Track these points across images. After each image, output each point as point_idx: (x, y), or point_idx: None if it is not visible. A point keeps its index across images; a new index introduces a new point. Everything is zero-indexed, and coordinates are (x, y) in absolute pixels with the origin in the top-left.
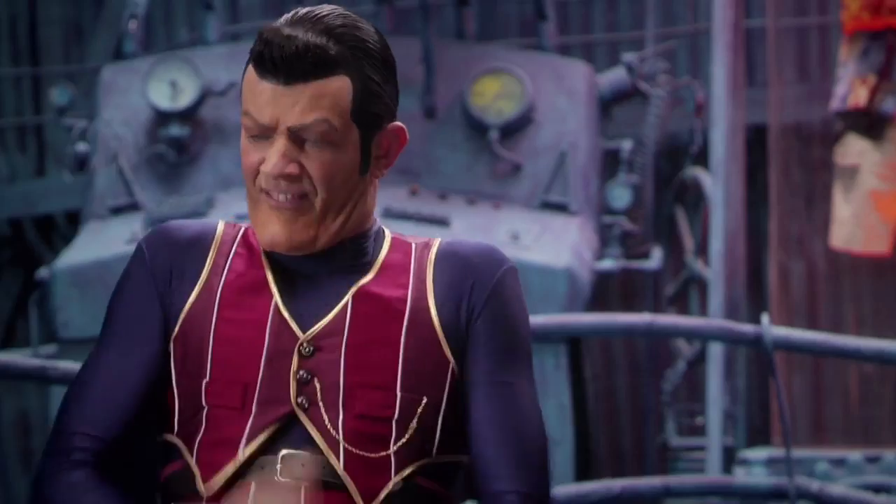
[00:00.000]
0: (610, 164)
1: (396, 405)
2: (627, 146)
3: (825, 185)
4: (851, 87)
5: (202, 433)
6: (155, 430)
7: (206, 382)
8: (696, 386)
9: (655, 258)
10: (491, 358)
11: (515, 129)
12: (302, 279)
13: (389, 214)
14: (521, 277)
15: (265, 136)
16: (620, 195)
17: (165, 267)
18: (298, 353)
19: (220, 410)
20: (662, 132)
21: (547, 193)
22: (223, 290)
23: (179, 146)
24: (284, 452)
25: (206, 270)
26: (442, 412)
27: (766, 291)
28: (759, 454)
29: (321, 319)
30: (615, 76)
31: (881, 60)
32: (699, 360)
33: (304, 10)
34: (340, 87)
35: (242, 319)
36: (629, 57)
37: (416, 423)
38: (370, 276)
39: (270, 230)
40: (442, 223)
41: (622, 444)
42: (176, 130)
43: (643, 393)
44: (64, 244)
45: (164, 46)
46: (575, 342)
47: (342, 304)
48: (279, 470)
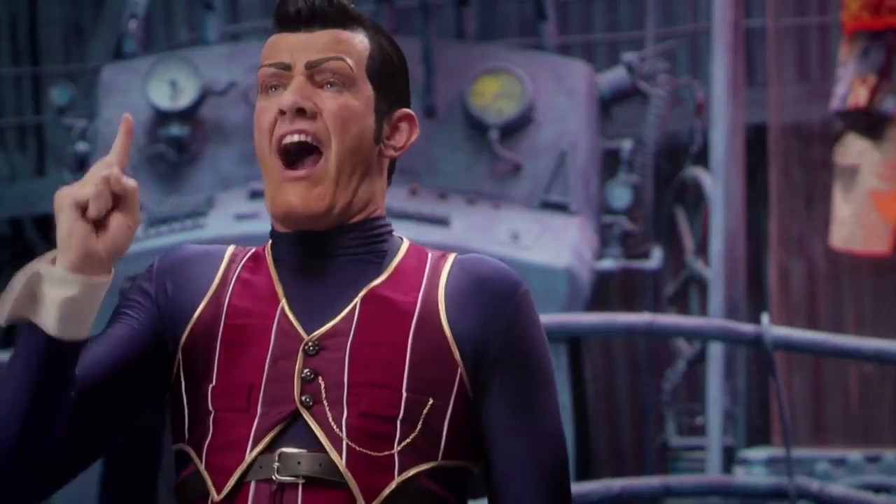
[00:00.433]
0: (610, 163)
1: (402, 405)
2: (627, 146)
3: (825, 185)
4: (851, 86)
5: (210, 438)
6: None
7: (212, 387)
8: (696, 386)
9: (655, 258)
10: (515, 400)
11: (515, 128)
12: (310, 282)
13: (389, 214)
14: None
15: (282, 83)
16: (620, 195)
17: (171, 282)
18: (303, 352)
19: (226, 414)
20: (662, 132)
21: (547, 193)
22: (231, 298)
23: (179, 146)
24: (282, 450)
25: (215, 282)
26: (448, 416)
27: (766, 291)
28: (759, 454)
29: (328, 320)
30: (615, 76)
31: (881, 60)
32: (699, 359)
33: None
34: (360, 40)
35: (248, 325)
36: (629, 57)
37: (421, 424)
38: (382, 277)
39: (285, 200)
40: (442, 223)
41: (622, 443)
42: (176, 130)
43: (643, 393)
44: None
45: (164, 46)
46: (575, 342)
47: (350, 306)
48: (277, 468)
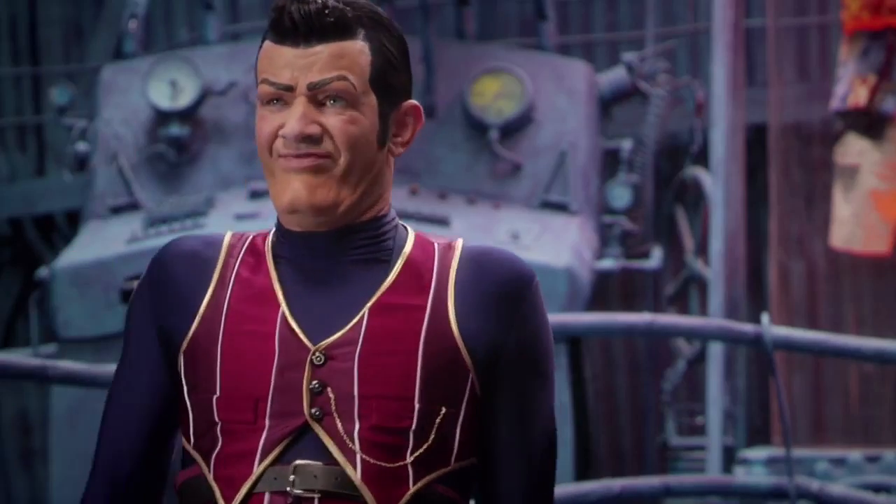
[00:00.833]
0: (610, 163)
1: (414, 416)
2: (627, 146)
3: (825, 184)
4: (851, 86)
5: (218, 448)
6: (169, 455)
7: (216, 398)
8: (696, 386)
9: (655, 258)
10: (517, 378)
11: (515, 128)
12: (313, 286)
13: None
14: None
15: (283, 101)
16: (620, 195)
17: (170, 285)
18: (310, 363)
19: (233, 425)
20: (662, 132)
21: (547, 193)
22: (230, 302)
23: (179, 146)
24: (297, 463)
25: (213, 283)
26: (460, 422)
27: (766, 291)
28: (759, 454)
29: (336, 330)
30: (615, 76)
31: (881, 60)
32: (699, 359)
33: None
34: (360, 50)
35: (250, 332)
36: (629, 56)
37: (434, 433)
38: (390, 278)
39: (291, 190)
40: (442, 223)
41: (622, 443)
42: (176, 130)
43: (643, 393)
44: (64, 244)
45: (164, 46)
46: (575, 342)
47: (359, 316)
48: (293, 481)
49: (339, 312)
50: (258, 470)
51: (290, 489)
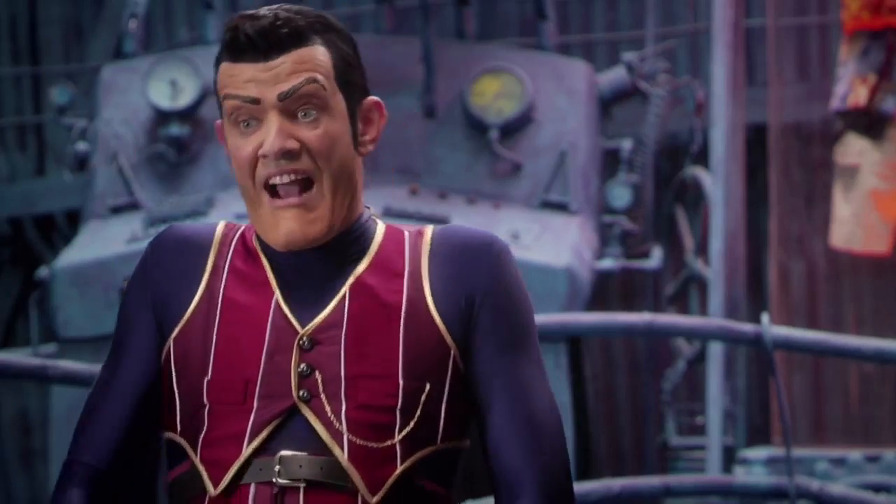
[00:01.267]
0: (610, 163)
1: (399, 394)
2: (627, 146)
3: (825, 184)
4: (851, 86)
5: (205, 431)
6: (154, 444)
7: (206, 380)
8: (696, 385)
9: (655, 258)
10: (499, 347)
11: (515, 128)
12: (299, 273)
13: (389, 214)
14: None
15: (254, 118)
16: (620, 195)
17: (164, 272)
18: (298, 347)
19: (221, 407)
20: (662, 131)
21: (547, 193)
22: (225, 290)
23: (179, 146)
24: (282, 454)
25: (207, 272)
26: (445, 399)
27: (766, 291)
28: (759, 454)
29: (319, 312)
30: (615, 75)
31: (881, 60)
32: (699, 359)
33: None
34: (320, 53)
35: (244, 319)
36: (629, 56)
37: (420, 411)
38: (364, 264)
39: (285, 228)
40: (442, 222)
41: (622, 443)
42: (176, 130)
43: (643, 392)
44: (64, 243)
45: (164, 46)
46: (575, 342)
47: (339, 297)
48: (278, 472)
49: (321, 294)
50: (247, 451)
51: (275, 479)
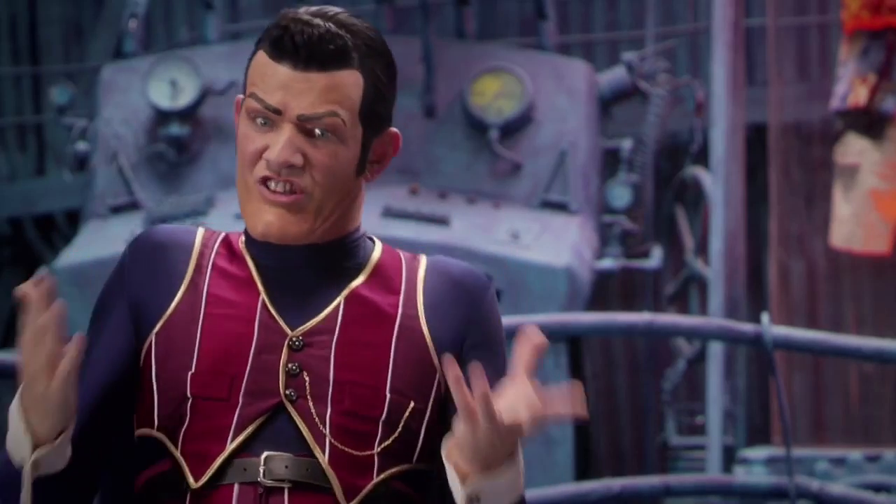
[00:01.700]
0: (610, 163)
1: (385, 405)
2: (627, 145)
3: (825, 184)
4: (851, 86)
5: (187, 425)
6: (105, 448)
7: (191, 374)
8: (696, 385)
9: (655, 257)
10: (485, 364)
11: (515, 128)
12: (287, 278)
13: (389, 213)
14: (521, 277)
15: (270, 121)
16: (620, 194)
17: (144, 272)
18: (289, 346)
19: (205, 402)
20: (662, 131)
21: (547, 192)
22: (210, 288)
23: (179, 145)
24: (267, 454)
25: (190, 270)
26: (426, 419)
27: (766, 291)
28: (759, 453)
29: (312, 317)
30: (615, 75)
31: (881, 59)
32: (699, 359)
33: (317, 7)
34: (354, 82)
35: (230, 315)
36: (629, 56)
37: (402, 426)
38: (362, 278)
39: (264, 220)
40: (442, 222)
41: (622, 443)
42: (176, 130)
43: (643, 392)
44: (64, 243)
45: (164, 46)
46: (575, 341)
47: (335, 304)
48: (262, 472)
49: (314, 300)
50: (231, 447)
51: (260, 479)
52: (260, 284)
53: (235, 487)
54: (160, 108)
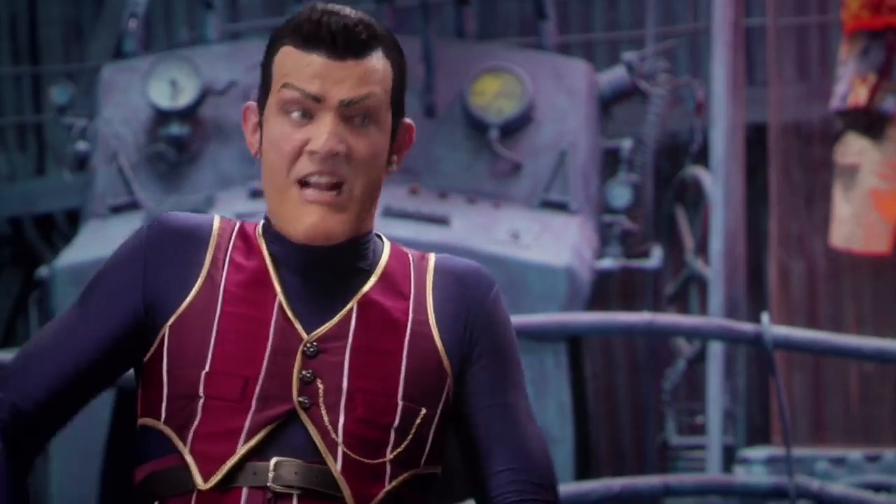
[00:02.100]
0: (610, 163)
1: (397, 413)
2: (627, 145)
3: (825, 184)
4: (851, 85)
5: (197, 424)
6: (72, 416)
7: (205, 373)
8: (696, 385)
9: (655, 257)
10: (494, 382)
11: (515, 128)
12: (303, 278)
13: (389, 213)
14: (521, 276)
15: (309, 113)
16: (620, 194)
17: (163, 257)
18: (302, 352)
19: (217, 402)
20: (662, 131)
21: (547, 192)
22: (226, 284)
23: (179, 145)
24: (277, 459)
25: (206, 263)
26: (435, 424)
27: (766, 291)
28: (759, 453)
29: (325, 322)
30: (615, 75)
31: (881, 59)
32: (699, 359)
33: (329, 4)
34: (385, 67)
35: (246, 315)
36: (629, 56)
37: (413, 432)
38: (372, 281)
39: (307, 222)
40: (442, 222)
41: (622, 443)
42: (176, 129)
43: (643, 392)
44: (64, 243)
45: (164, 45)
46: (575, 341)
47: (347, 309)
48: (271, 477)
49: (328, 305)
50: (242, 450)
51: (270, 484)
52: (276, 283)
53: (244, 491)
54: (160, 107)
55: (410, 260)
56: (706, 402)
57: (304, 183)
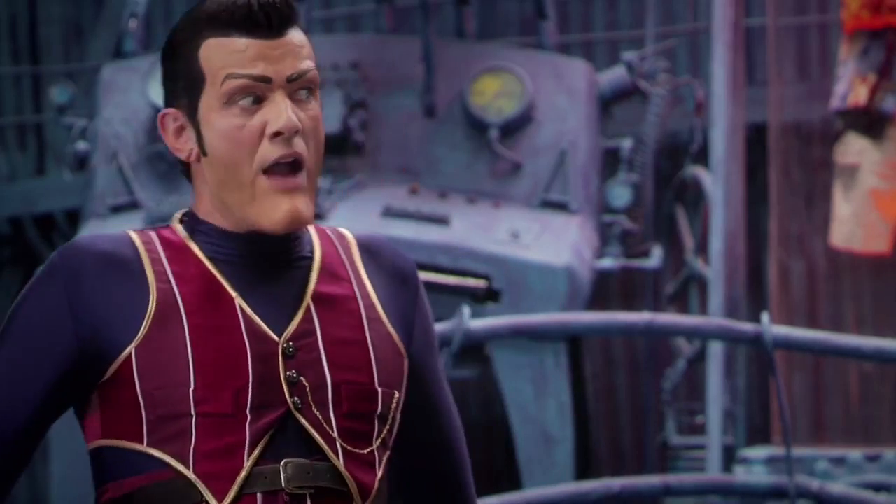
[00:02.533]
0: (610, 162)
1: (378, 400)
2: (627, 145)
3: (825, 184)
4: (851, 85)
5: (195, 442)
6: (31, 454)
7: (191, 390)
8: (696, 385)
9: (655, 257)
10: (432, 356)
11: (515, 127)
12: (251, 275)
13: (389, 213)
14: (521, 276)
15: (258, 96)
16: (620, 194)
17: (93, 285)
18: (282, 354)
19: (211, 419)
20: (662, 131)
21: (547, 192)
22: (182, 296)
23: None
24: (286, 461)
25: (150, 278)
26: (402, 405)
27: (765, 290)
28: (759, 453)
29: (286, 318)
30: (615, 75)
31: (881, 59)
32: (699, 358)
33: None
34: (306, 38)
35: (214, 325)
36: (629, 56)
37: (390, 418)
38: (316, 269)
39: (285, 209)
40: (442, 222)
41: (622, 443)
42: None
43: (643, 392)
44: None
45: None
46: (575, 341)
47: (305, 304)
48: (284, 479)
49: (283, 299)
50: (249, 463)
51: (285, 486)
52: (228, 286)
53: (258, 497)
54: (160, 107)
55: (333, 240)
56: (706, 402)
57: (266, 170)
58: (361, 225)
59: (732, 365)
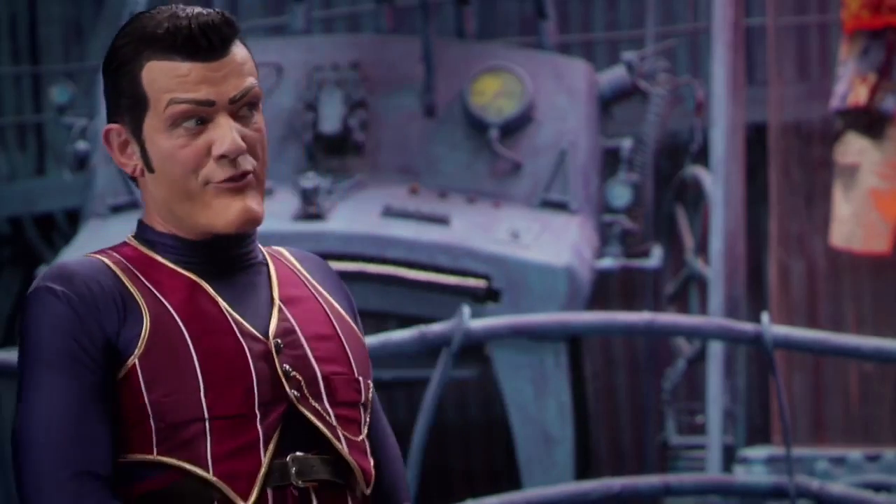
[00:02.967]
0: (610, 162)
1: (362, 389)
2: (627, 145)
3: (825, 183)
4: (851, 85)
5: (211, 445)
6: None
7: (203, 395)
8: (696, 385)
9: (655, 257)
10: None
11: (515, 127)
12: (221, 278)
13: (389, 213)
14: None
15: (201, 118)
16: (620, 194)
17: (91, 303)
18: (275, 350)
19: (225, 421)
20: (662, 131)
21: (547, 192)
22: (173, 305)
23: None
24: (295, 455)
25: (136, 292)
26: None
27: (765, 290)
28: (759, 453)
29: (265, 316)
30: (615, 75)
31: (881, 59)
32: (699, 358)
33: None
34: (246, 52)
35: (210, 329)
36: (629, 55)
37: (370, 406)
38: (273, 269)
39: (235, 207)
40: (442, 222)
41: (622, 442)
42: None
43: (643, 392)
44: (64, 243)
45: None
46: (575, 341)
47: (277, 305)
48: (294, 473)
49: (258, 305)
50: (266, 459)
51: (294, 481)
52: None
53: (269, 494)
54: None
55: (272, 252)
56: (706, 401)
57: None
58: (361, 225)
59: (732, 365)
